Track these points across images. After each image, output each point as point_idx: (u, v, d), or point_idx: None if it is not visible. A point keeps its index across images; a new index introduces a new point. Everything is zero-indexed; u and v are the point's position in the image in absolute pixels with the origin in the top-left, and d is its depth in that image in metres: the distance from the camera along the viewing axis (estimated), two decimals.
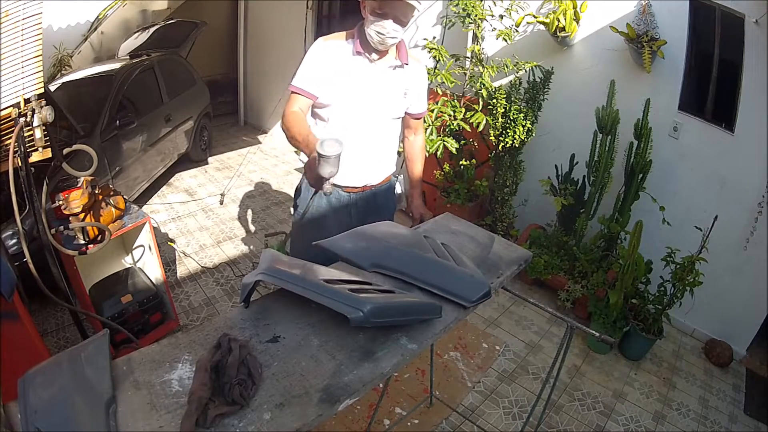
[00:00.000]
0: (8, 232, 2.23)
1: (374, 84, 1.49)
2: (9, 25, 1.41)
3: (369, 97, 1.49)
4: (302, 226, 1.66)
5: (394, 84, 1.53)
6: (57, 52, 4.13)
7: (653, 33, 2.54)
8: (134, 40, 4.24)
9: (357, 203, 1.64)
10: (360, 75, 1.47)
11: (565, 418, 2.14)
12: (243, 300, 0.94)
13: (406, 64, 1.53)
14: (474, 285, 1.05)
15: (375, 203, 1.68)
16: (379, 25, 1.36)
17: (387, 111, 1.55)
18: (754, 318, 2.58)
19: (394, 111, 1.58)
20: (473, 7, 2.89)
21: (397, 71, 1.52)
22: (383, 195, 1.71)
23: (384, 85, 1.51)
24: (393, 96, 1.54)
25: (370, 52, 1.46)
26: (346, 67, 1.46)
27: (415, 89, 1.60)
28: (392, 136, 1.64)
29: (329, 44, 1.47)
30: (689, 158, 2.65)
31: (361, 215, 1.65)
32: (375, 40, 1.40)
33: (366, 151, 1.56)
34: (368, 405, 2.06)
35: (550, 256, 2.95)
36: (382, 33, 1.37)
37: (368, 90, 1.48)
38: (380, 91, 1.51)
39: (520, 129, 2.88)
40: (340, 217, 1.63)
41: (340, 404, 0.76)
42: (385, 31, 1.36)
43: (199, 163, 4.60)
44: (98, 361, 0.73)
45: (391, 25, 1.36)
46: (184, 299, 2.71)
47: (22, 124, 1.45)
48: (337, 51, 1.46)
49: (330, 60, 1.45)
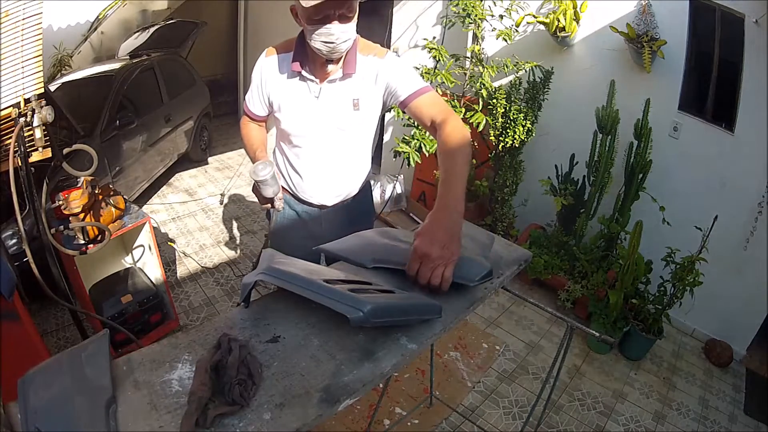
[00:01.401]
0: (8, 232, 2.23)
1: (312, 107, 1.32)
2: (9, 25, 1.41)
3: (310, 122, 1.34)
4: (276, 236, 1.60)
5: (337, 99, 1.32)
6: (57, 52, 4.14)
7: (653, 33, 2.54)
8: (134, 40, 4.24)
9: (326, 216, 1.53)
10: (296, 99, 1.32)
11: (565, 418, 2.14)
12: (243, 300, 0.94)
13: (352, 73, 1.29)
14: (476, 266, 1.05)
15: (347, 218, 1.56)
16: (324, 32, 1.13)
17: (337, 127, 1.36)
18: (754, 318, 2.58)
19: (346, 125, 1.36)
20: (473, 7, 2.89)
21: (340, 84, 1.31)
22: (356, 206, 1.57)
23: (325, 105, 1.32)
24: (339, 112, 1.34)
25: (318, 65, 1.27)
26: (282, 91, 1.33)
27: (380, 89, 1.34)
28: (354, 149, 1.45)
29: (268, 62, 1.34)
30: (689, 158, 2.65)
31: (335, 226, 1.53)
32: (325, 51, 1.17)
33: (326, 171, 1.44)
34: (368, 405, 2.06)
35: (550, 256, 2.95)
36: (329, 41, 1.14)
37: (307, 114, 1.33)
38: (322, 113, 1.33)
39: (520, 129, 2.88)
40: (311, 228, 1.54)
41: (340, 404, 0.76)
42: (334, 37, 1.14)
43: (199, 163, 4.61)
44: (98, 361, 0.73)
45: (338, 28, 1.13)
46: (184, 299, 2.71)
47: (22, 124, 1.45)
48: (275, 70, 1.33)
49: (267, 81, 1.34)
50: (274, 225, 1.58)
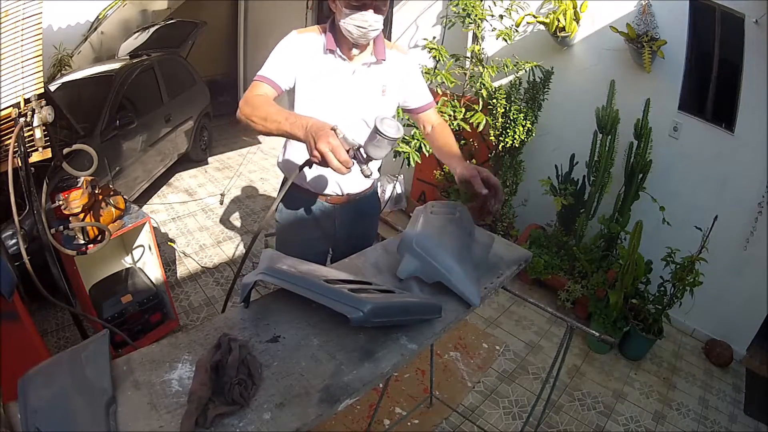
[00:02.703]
0: (8, 232, 2.23)
1: (347, 84, 1.36)
2: (9, 25, 1.41)
3: (341, 99, 1.36)
4: (285, 235, 1.59)
5: (369, 83, 1.38)
6: (57, 52, 4.13)
7: (653, 33, 2.54)
8: (134, 40, 4.24)
9: (341, 213, 1.56)
10: (330, 74, 1.35)
11: (565, 418, 2.14)
12: (243, 300, 0.94)
13: (383, 59, 1.38)
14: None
15: (357, 212, 1.58)
16: (359, 17, 1.22)
17: (362, 113, 1.40)
18: (754, 318, 2.58)
19: (372, 112, 1.39)
20: (473, 7, 2.89)
21: (373, 68, 1.38)
22: (366, 203, 1.61)
23: (357, 85, 1.37)
24: (368, 96, 1.39)
25: (345, 48, 1.33)
26: (317, 64, 1.34)
27: (401, 83, 1.45)
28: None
29: (303, 38, 1.35)
30: (689, 158, 2.65)
31: (346, 224, 1.57)
32: (355, 35, 1.26)
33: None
34: (368, 405, 2.05)
35: (550, 256, 2.95)
36: (362, 26, 1.23)
37: (340, 91, 1.36)
38: (353, 92, 1.37)
39: (520, 129, 2.88)
40: (323, 227, 1.55)
41: (340, 404, 0.76)
42: (367, 23, 1.23)
43: (199, 163, 4.61)
44: (98, 361, 0.73)
45: (372, 16, 1.22)
46: (184, 299, 2.71)
47: (22, 124, 1.45)
48: (309, 45, 1.34)
49: (300, 54, 1.33)
50: (285, 223, 1.56)
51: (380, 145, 0.98)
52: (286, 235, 1.60)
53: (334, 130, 0.98)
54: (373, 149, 1.00)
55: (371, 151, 1.00)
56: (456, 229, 1.17)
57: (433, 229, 1.15)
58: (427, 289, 1.09)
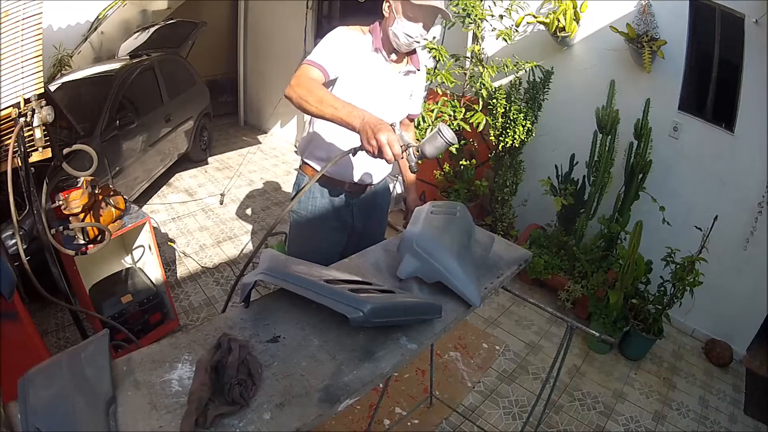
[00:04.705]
0: (8, 232, 2.23)
1: (387, 84, 1.49)
2: (9, 25, 1.41)
3: (380, 96, 1.48)
4: (303, 226, 1.66)
5: (403, 87, 1.55)
6: (57, 52, 4.13)
7: (653, 33, 2.54)
8: (134, 40, 4.24)
9: (358, 203, 1.66)
10: (375, 72, 1.46)
11: (565, 418, 2.14)
12: (243, 300, 0.94)
13: (418, 70, 1.56)
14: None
15: (374, 202, 1.71)
16: (410, 27, 1.36)
17: (394, 112, 1.55)
18: (754, 318, 2.58)
19: (399, 113, 1.60)
20: (473, 7, 2.89)
21: (409, 76, 1.55)
22: (381, 194, 1.74)
23: (395, 87, 1.52)
24: (401, 98, 1.57)
25: (389, 51, 1.46)
26: (364, 61, 1.44)
27: (418, 93, 1.64)
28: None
29: (351, 33, 1.44)
30: (689, 158, 2.65)
31: (363, 214, 1.68)
32: (401, 42, 1.40)
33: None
34: (368, 405, 2.06)
35: (550, 256, 2.95)
36: (411, 36, 1.38)
37: (381, 88, 1.48)
38: (391, 92, 1.51)
39: (520, 129, 2.88)
40: (343, 217, 1.65)
41: (340, 404, 0.76)
42: (415, 35, 1.37)
43: (199, 163, 4.60)
44: (98, 361, 0.73)
45: (420, 30, 1.37)
46: (184, 299, 2.71)
47: (22, 124, 1.45)
48: (358, 42, 1.44)
49: (350, 48, 1.42)
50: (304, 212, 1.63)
51: (438, 145, 1.11)
52: (303, 224, 1.65)
53: (392, 126, 1.09)
54: (429, 148, 1.11)
55: (427, 149, 1.12)
56: (456, 229, 1.17)
57: (433, 229, 1.15)
58: (427, 289, 1.09)
